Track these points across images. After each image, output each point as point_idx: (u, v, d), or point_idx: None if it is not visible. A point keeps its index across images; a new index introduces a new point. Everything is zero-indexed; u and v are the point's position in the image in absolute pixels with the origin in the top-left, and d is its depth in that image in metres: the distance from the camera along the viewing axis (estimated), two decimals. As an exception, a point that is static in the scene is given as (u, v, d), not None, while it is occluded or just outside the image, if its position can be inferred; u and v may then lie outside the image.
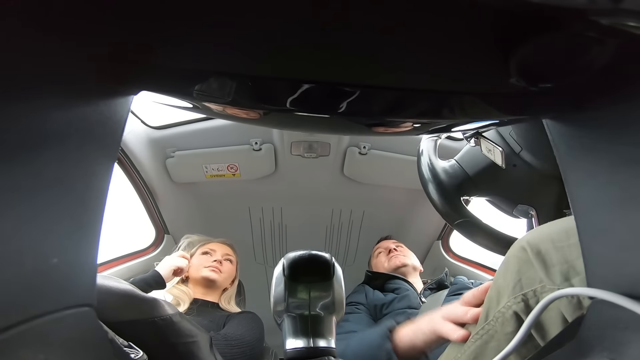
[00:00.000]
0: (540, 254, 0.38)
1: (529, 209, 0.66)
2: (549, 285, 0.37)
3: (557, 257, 0.37)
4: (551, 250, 0.38)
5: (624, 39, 0.23)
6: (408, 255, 1.29)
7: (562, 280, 0.36)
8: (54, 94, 0.24)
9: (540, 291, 0.37)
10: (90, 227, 0.28)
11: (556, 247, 0.37)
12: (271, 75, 0.27)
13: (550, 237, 0.39)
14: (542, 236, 0.39)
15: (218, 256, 1.20)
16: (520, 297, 0.39)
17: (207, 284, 1.15)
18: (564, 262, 0.36)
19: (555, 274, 0.36)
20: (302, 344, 0.37)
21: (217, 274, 1.15)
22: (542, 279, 0.37)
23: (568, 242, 0.37)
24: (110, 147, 0.29)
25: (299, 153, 1.31)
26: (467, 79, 0.28)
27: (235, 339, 0.93)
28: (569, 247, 0.36)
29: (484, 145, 0.63)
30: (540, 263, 0.38)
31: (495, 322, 0.41)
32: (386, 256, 1.29)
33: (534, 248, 0.39)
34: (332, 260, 0.41)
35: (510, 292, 0.40)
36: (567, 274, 0.36)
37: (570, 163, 0.32)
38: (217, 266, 1.17)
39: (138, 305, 0.52)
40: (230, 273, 1.22)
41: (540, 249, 0.38)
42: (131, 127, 1.21)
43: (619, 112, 0.27)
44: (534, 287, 0.38)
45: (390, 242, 1.37)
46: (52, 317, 0.24)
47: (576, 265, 0.35)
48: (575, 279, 0.35)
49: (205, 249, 1.23)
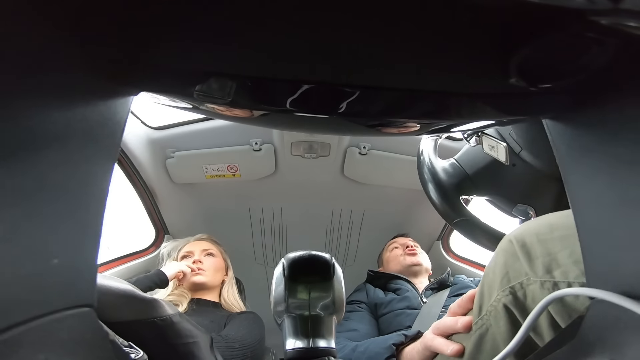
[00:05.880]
0: (525, 247, 0.39)
1: (528, 208, 0.66)
2: (532, 277, 0.37)
3: (541, 250, 0.37)
4: (535, 243, 0.38)
5: (624, 39, 0.23)
6: (423, 256, 1.30)
7: (544, 272, 0.36)
8: (53, 95, 0.24)
9: (526, 284, 0.38)
10: (91, 227, 0.28)
11: (540, 240, 0.38)
12: (271, 75, 0.27)
13: (535, 230, 0.39)
14: (527, 230, 0.40)
15: (196, 256, 1.19)
16: (508, 290, 0.39)
17: (198, 287, 1.14)
18: (547, 254, 0.37)
19: (537, 266, 0.37)
20: (302, 344, 0.37)
21: (202, 275, 1.15)
22: (527, 271, 0.38)
23: (552, 235, 0.37)
24: (110, 148, 0.29)
25: (299, 153, 1.31)
26: (467, 80, 0.28)
27: (236, 340, 0.93)
28: (552, 240, 0.37)
29: (486, 143, 0.63)
30: (524, 255, 0.38)
31: (489, 316, 0.42)
32: (403, 251, 1.30)
33: (520, 241, 0.39)
34: (332, 261, 0.41)
35: (498, 285, 0.40)
36: (549, 266, 0.36)
37: (570, 163, 0.32)
38: (198, 267, 1.16)
39: (138, 306, 0.52)
40: (216, 266, 1.21)
41: (526, 242, 0.39)
42: (131, 128, 1.21)
43: (619, 112, 0.27)
44: (521, 280, 0.38)
45: (408, 240, 1.40)
46: (52, 317, 0.24)
47: (558, 258, 0.36)
48: (556, 271, 0.36)
49: (183, 253, 1.22)
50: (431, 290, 1.14)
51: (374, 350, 0.72)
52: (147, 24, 0.23)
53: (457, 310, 0.49)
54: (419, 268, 1.23)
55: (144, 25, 0.23)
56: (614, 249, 0.28)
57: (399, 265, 1.26)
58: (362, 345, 0.79)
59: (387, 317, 1.03)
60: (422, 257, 1.28)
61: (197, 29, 0.23)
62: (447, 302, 1.01)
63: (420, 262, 1.25)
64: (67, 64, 0.24)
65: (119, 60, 0.25)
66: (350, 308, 1.08)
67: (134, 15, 0.22)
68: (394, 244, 1.39)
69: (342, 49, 0.25)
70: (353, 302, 1.12)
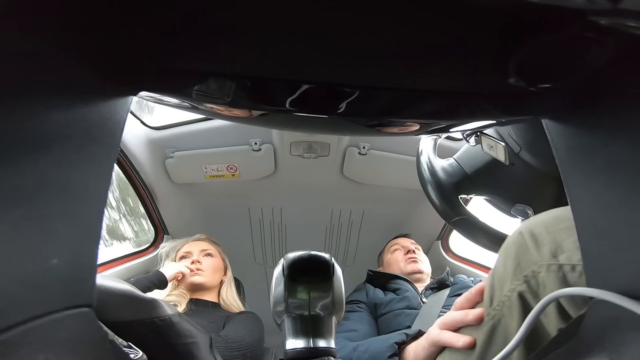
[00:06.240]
0: (534, 236, 0.41)
1: (527, 208, 0.66)
2: (540, 262, 0.39)
3: (548, 239, 0.40)
4: (544, 233, 0.41)
5: (623, 40, 0.23)
6: (423, 261, 1.30)
7: (550, 257, 0.39)
8: (53, 95, 0.24)
9: (537, 271, 0.40)
10: (90, 227, 0.28)
11: (548, 230, 0.41)
12: (270, 75, 0.27)
13: (543, 223, 0.42)
14: (536, 222, 0.42)
15: (195, 256, 1.19)
16: (522, 279, 0.41)
17: (197, 287, 1.14)
18: (553, 242, 0.39)
19: (544, 252, 0.40)
20: (302, 345, 0.37)
21: (201, 276, 1.15)
22: (536, 259, 0.40)
23: (558, 226, 0.40)
24: (110, 148, 0.29)
25: (299, 153, 1.31)
26: (466, 80, 0.28)
27: (235, 341, 0.93)
28: (559, 230, 0.40)
29: (485, 142, 0.63)
30: (533, 244, 0.41)
31: (502, 306, 0.42)
32: (404, 255, 1.29)
33: (529, 231, 0.42)
34: (331, 261, 0.41)
35: (511, 276, 0.42)
36: (555, 252, 0.39)
37: (569, 163, 0.32)
38: (197, 267, 1.16)
39: (137, 306, 0.52)
40: (214, 266, 1.21)
41: (534, 232, 0.41)
42: (130, 128, 1.21)
43: (619, 112, 0.27)
44: (532, 269, 0.40)
45: (409, 242, 1.37)
46: (51, 317, 0.24)
47: (564, 245, 0.39)
48: (561, 255, 0.38)
49: (181, 254, 1.22)
50: (431, 290, 1.14)
51: (376, 349, 0.72)
52: (147, 24, 0.23)
53: (465, 304, 0.49)
54: (420, 275, 1.23)
55: (144, 26, 0.23)
56: (614, 249, 0.28)
57: (399, 271, 1.26)
58: (363, 345, 0.79)
59: (387, 317, 1.03)
60: (423, 265, 1.27)
61: (196, 29, 0.23)
62: (447, 302, 1.01)
63: (421, 269, 1.24)
64: (67, 64, 0.24)
65: (118, 60, 0.25)
66: (350, 308, 1.08)
67: (133, 16, 0.22)
68: (395, 245, 1.37)
69: (341, 49, 0.25)
70: (352, 302, 1.12)
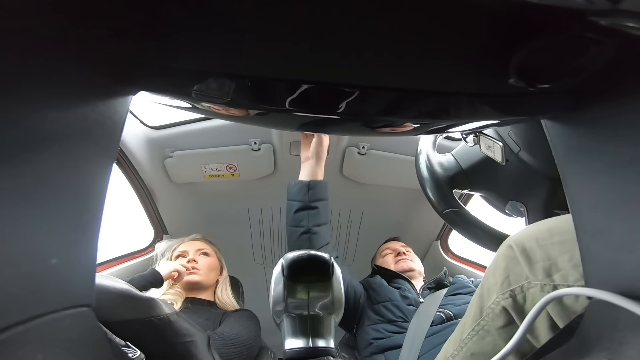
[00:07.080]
0: (525, 251, 0.40)
1: (520, 205, 0.67)
2: (533, 281, 0.38)
3: (541, 254, 0.39)
4: (535, 248, 0.39)
5: (623, 40, 0.23)
6: (415, 260, 1.30)
7: (544, 276, 0.38)
8: (52, 95, 0.24)
9: (527, 287, 0.39)
10: (89, 227, 0.28)
11: (540, 245, 0.39)
12: (270, 75, 0.27)
13: (534, 235, 0.40)
14: (527, 235, 0.41)
15: (191, 255, 1.20)
16: (508, 293, 0.40)
17: (193, 286, 1.14)
18: (547, 259, 0.38)
19: (538, 270, 0.38)
20: (302, 344, 0.37)
21: (197, 274, 1.15)
22: (527, 275, 0.39)
23: (551, 240, 0.38)
24: (109, 147, 0.29)
25: (299, 153, 1.30)
26: (466, 80, 0.28)
27: (232, 338, 0.93)
28: (552, 245, 0.38)
29: (483, 142, 0.64)
30: (525, 260, 0.39)
31: (487, 318, 0.43)
32: (393, 258, 1.30)
33: (520, 246, 0.40)
34: (331, 261, 0.41)
35: (498, 288, 0.42)
36: (549, 270, 0.37)
37: (569, 163, 0.32)
38: (193, 266, 1.16)
39: (135, 305, 0.52)
40: (210, 266, 1.21)
41: (525, 247, 0.40)
42: (130, 127, 1.20)
43: (618, 112, 0.27)
44: (521, 284, 0.40)
45: (399, 245, 1.38)
46: (51, 317, 0.24)
47: (558, 262, 0.37)
48: (556, 274, 0.37)
49: (177, 253, 1.22)
50: (428, 289, 1.14)
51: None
52: (147, 24, 0.23)
53: None
54: (412, 273, 1.24)
55: (143, 26, 0.23)
56: (613, 249, 0.28)
57: None
58: None
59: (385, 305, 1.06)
60: (413, 264, 1.27)
61: (196, 29, 0.23)
62: (443, 301, 1.02)
63: (412, 267, 1.25)
64: (67, 64, 0.24)
65: (118, 60, 0.25)
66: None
67: (133, 16, 0.22)
68: (385, 249, 1.38)
69: (341, 49, 0.25)
70: None
